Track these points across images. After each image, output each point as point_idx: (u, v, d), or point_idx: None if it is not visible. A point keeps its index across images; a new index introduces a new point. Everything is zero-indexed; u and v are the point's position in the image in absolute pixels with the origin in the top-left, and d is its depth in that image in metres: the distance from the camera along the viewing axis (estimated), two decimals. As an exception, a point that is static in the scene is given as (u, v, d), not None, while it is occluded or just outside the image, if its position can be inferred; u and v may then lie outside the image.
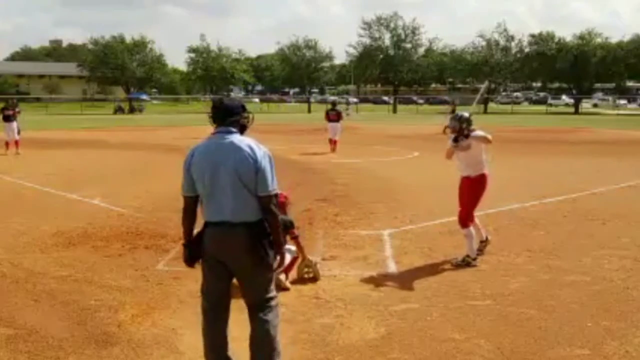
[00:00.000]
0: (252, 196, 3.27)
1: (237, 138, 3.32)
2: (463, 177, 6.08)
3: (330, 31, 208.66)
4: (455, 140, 5.88)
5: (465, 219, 5.93)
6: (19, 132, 17.23)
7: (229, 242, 3.30)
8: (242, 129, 3.44)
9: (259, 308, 3.40)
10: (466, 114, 6.01)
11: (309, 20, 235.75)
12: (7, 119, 17.18)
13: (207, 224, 3.38)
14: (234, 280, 3.51)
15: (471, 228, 5.96)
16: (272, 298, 3.45)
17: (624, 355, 3.91)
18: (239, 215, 3.26)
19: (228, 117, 3.37)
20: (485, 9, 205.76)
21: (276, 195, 3.36)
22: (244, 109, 3.45)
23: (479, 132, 5.90)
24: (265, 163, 3.27)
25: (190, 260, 3.51)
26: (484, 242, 6.19)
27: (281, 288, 4.95)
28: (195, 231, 3.50)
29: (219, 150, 3.29)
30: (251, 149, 3.27)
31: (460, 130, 5.85)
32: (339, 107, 19.11)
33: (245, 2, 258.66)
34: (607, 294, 5.05)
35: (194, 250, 3.44)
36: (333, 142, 17.29)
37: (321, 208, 8.77)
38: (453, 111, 26.24)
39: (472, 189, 5.98)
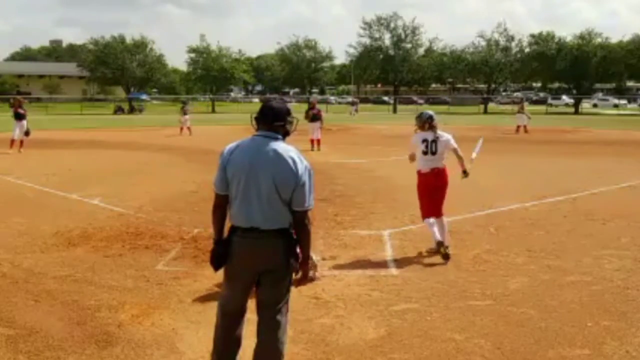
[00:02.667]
0: (285, 206, 3.19)
1: (281, 147, 3.22)
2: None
3: (330, 31, 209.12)
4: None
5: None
6: (27, 133, 17.25)
7: (257, 245, 3.21)
8: (285, 134, 3.34)
9: (271, 308, 3.34)
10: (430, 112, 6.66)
11: (309, 20, 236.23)
12: (21, 117, 17.20)
13: (235, 229, 3.28)
14: None
15: (430, 219, 6.28)
16: (286, 302, 3.39)
17: (624, 355, 3.91)
18: (269, 223, 3.19)
19: (275, 121, 3.26)
20: (485, 9, 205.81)
21: (310, 211, 3.27)
22: (289, 113, 3.34)
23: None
24: (305, 178, 3.18)
25: (217, 264, 3.34)
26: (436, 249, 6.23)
27: None
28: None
29: (260, 155, 3.18)
30: (294, 162, 3.17)
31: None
32: (317, 107, 19.29)
33: (245, 2, 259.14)
34: (607, 294, 5.06)
35: (222, 253, 3.30)
36: (317, 142, 17.64)
37: (321, 208, 8.77)
38: (522, 109, 27.04)
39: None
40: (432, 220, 6.26)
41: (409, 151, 6.43)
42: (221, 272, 3.40)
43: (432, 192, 6.31)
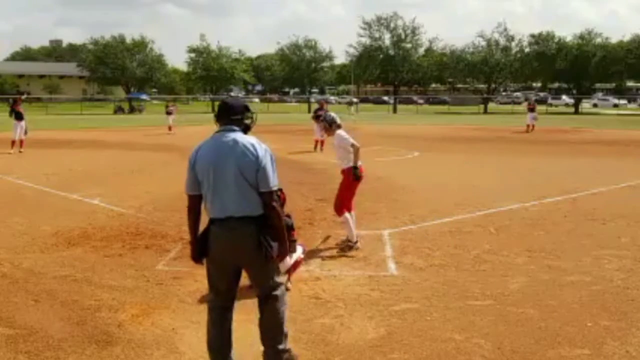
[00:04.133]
0: (255, 192, 3.36)
1: (239, 136, 3.42)
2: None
3: (330, 31, 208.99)
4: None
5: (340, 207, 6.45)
6: (26, 132, 17.28)
7: (234, 236, 3.36)
8: (246, 129, 3.54)
9: (266, 297, 3.52)
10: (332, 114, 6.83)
11: (309, 20, 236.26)
12: (21, 117, 17.21)
13: (212, 221, 3.44)
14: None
15: (347, 214, 6.40)
16: (277, 287, 3.54)
17: (624, 355, 3.91)
18: (243, 210, 3.34)
19: (231, 115, 3.47)
20: (485, 9, 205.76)
21: (277, 191, 3.45)
22: (247, 108, 3.56)
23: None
24: (266, 160, 3.36)
25: (198, 257, 3.53)
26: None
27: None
28: (200, 228, 3.55)
29: (221, 147, 3.38)
30: (253, 146, 3.37)
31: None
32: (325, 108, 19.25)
33: (245, 2, 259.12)
34: (607, 294, 5.05)
35: (200, 247, 3.47)
36: (321, 143, 17.66)
37: (321, 208, 8.77)
38: (532, 109, 27.62)
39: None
40: (348, 214, 6.48)
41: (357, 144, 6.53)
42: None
43: (355, 189, 6.69)
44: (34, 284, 5.34)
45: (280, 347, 3.54)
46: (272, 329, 3.54)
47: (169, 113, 27.23)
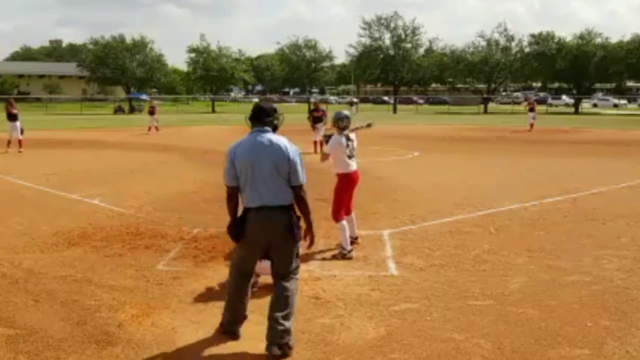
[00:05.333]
0: (286, 184, 3.90)
1: (273, 137, 3.96)
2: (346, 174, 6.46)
3: (330, 31, 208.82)
4: (327, 140, 6.38)
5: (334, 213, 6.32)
6: (22, 132, 17.31)
7: (269, 222, 3.87)
8: (275, 128, 4.06)
9: (283, 277, 4.00)
10: (347, 113, 6.51)
11: (309, 20, 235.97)
12: (13, 117, 17.22)
13: (248, 210, 3.92)
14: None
15: (344, 222, 6.30)
16: (295, 270, 4.05)
17: (624, 355, 3.91)
18: (276, 201, 3.88)
19: (265, 118, 3.99)
20: (485, 9, 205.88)
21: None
22: (275, 111, 4.08)
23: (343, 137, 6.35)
24: (297, 159, 3.93)
25: (236, 237, 4.01)
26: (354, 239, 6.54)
27: None
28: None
29: (259, 146, 3.90)
30: (285, 147, 3.92)
31: (337, 124, 6.33)
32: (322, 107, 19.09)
33: (245, 2, 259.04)
34: (607, 294, 5.05)
35: (238, 230, 3.96)
36: (320, 144, 17.54)
37: (321, 208, 8.75)
38: (532, 109, 27.86)
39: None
40: (345, 221, 6.35)
41: (330, 152, 6.41)
42: (220, 272, 3.46)
43: (351, 192, 6.57)
44: (34, 284, 5.34)
45: (286, 324, 3.86)
46: (281, 305, 3.90)
47: (151, 113, 26.82)
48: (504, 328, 4.34)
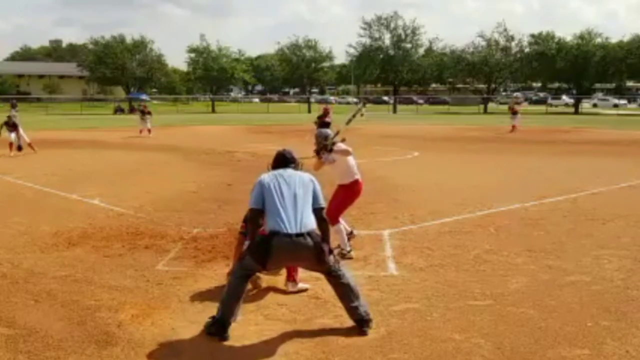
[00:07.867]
0: (310, 210, 4.30)
1: (298, 172, 4.54)
2: (339, 185, 6.45)
3: (330, 31, 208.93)
4: (317, 153, 6.20)
5: (334, 218, 6.09)
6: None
7: (296, 246, 4.13)
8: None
9: (328, 275, 4.32)
10: (328, 132, 6.28)
11: (309, 20, 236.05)
12: (13, 128, 17.15)
13: (275, 233, 4.14)
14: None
15: (340, 224, 6.29)
16: (335, 267, 4.32)
17: (624, 355, 3.91)
18: (304, 226, 4.20)
19: (288, 164, 4.60)
20: (484, 9, 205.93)
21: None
22: (295, 159, 4.67)
23: (340, 146, 6.16)
24: (317, 186, 4.45)
25: (263, 264, 4.22)
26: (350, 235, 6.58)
27: (298, 290, 5.10)
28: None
29: (287, 177, 4.42)
30: (308, 177, 4.48)
31: (324, 147, 6.07)
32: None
33: (245, 2, 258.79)
34: (607, 294, 5.05)
35: (264, 254, 4.15)
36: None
37: (321, 208, 8.75)
38: (515, 112, 27.86)
39: (346, 194, 6.40)
40: (342, 223, 6.36)
41: (345, 154, 6.24)
42: (219, 272, 3.45)
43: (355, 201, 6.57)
44: (34, 284, 5.34)
45: (354, 304, 4.28)
46: (344, 293, 4.30)
47: (143, 113, 25.49)
48: (503, 328, 4.34)
